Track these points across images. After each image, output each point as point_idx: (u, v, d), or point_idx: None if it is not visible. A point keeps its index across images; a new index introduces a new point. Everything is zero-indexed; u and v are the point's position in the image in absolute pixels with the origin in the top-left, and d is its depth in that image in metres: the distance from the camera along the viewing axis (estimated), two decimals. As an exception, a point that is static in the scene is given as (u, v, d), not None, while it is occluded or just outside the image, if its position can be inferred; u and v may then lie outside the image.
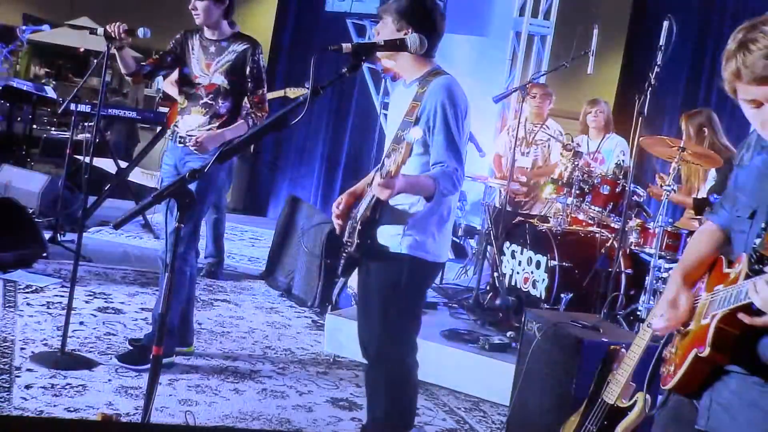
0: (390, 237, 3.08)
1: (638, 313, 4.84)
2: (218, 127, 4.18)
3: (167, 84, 5.84)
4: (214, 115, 4.19)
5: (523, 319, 3.74)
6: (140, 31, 4.13)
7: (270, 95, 6.08)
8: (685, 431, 1.95)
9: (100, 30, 4.08)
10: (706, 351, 1.76)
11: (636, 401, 2.84)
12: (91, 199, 6.52)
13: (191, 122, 4.22)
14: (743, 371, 1.80)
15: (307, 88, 3.96)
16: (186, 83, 4.27)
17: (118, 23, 4.04)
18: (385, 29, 3.08)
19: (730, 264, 1.89)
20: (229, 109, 4.21)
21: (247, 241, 7.96)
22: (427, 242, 3.09)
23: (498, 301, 5.32)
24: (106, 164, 7.58)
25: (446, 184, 2.98)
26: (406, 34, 3.01)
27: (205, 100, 4.20)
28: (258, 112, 4.23)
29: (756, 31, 1.68)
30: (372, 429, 3.36)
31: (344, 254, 3.16)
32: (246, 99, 4.26)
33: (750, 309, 1.70)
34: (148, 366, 3.87)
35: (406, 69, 3.16)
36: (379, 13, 3.16)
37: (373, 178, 2.98)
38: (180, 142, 4.23)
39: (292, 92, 5.90)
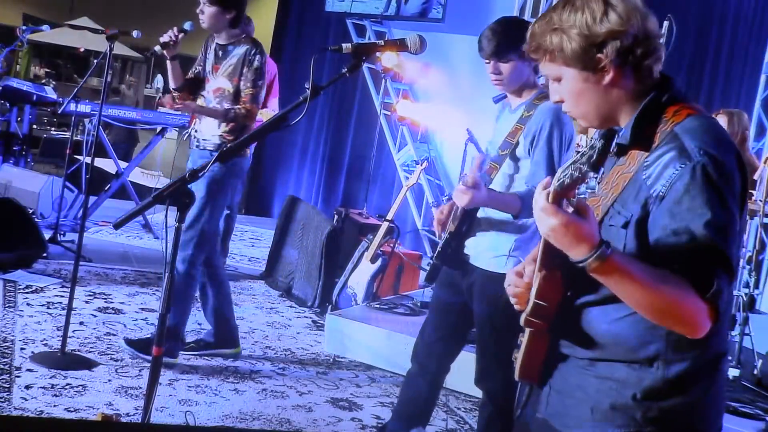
0: (493, 259, 3.07)
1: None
2: (228, 132, 4.19)
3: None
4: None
5: (523, 319, 3.74)
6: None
7: None
8: None
9: (158, 48, 4.12)
10: (530, 313, 1.70)
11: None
12: (92, 199, 6.52)
13: (206, 127, 4.26)
14: (575, 354, 1.74)
15: (307, 88, 3.96)
16: (202, 87, 4.33)
17: (174, 29, 4.10)
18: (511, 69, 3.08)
19: None
20: None
21: (247, 241, 7.96)
22: None
23: (498, 301, 5.31)
24: (106, 164, 7.58)
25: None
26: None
27: (213, 103, 4.24)
28: (242, 109, 4.18)
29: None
30: None
31: (432, 261, 3.23)
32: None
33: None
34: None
35: (516, 92, 3.14)
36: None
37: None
38: (197, 146, 4.30)
39: (262, 114, 5.86)
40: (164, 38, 4.08)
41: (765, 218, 4.86)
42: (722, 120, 5.19)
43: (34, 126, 8.93)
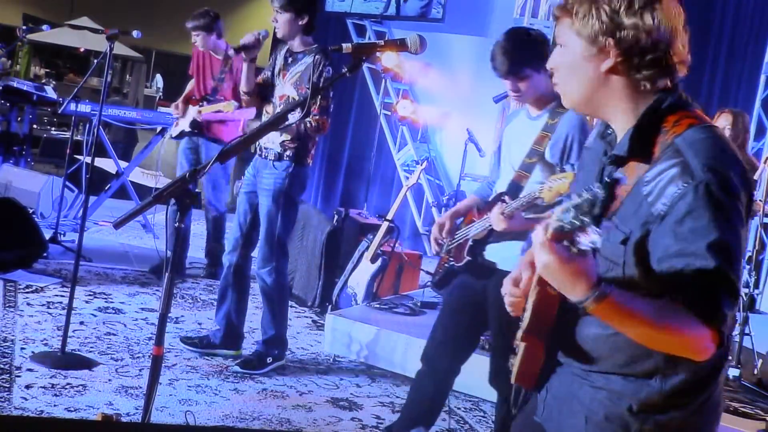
0: (505, 258, 3.13)
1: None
2: (291, 141, 4.18)
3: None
4: (285, 126, 4.15)
5: (523, 319, 3.74)
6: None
7: (212, 108, 5.86)
8: None
9: (234, 48, 4.08)
10: (526, 329, 1.68)
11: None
12: (92, 199, 6.51)
13: (268, 135, 4.20)
14: (571, 363, 1.71)
15: (307, 88, 3.97)
16: (272, 93, 4.30)
17: (256, 32, 4.08)
18: None
19: None
20: (299, 121, 4.17)
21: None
22: None
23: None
24: (106, 164, 7.58)
25: None
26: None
27: (278, 110, 4.22)
28: (313, 122, 4.16)
29: None
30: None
31: (444, 266, 3.29)
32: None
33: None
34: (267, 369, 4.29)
35: (534, 101, 3.17)
36: None
37: (491, 207, 3.07)
38: (258, 154, 4.30)
39: (225, 106, 5.74)
40: (246, 40, 4.06)
41: (765, 218, 4.86)
42: (726, 120, 5.18)
43: (34, 126, 8.94)
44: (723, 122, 5.18)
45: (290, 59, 4.24)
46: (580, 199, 1.36)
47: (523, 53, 3.02)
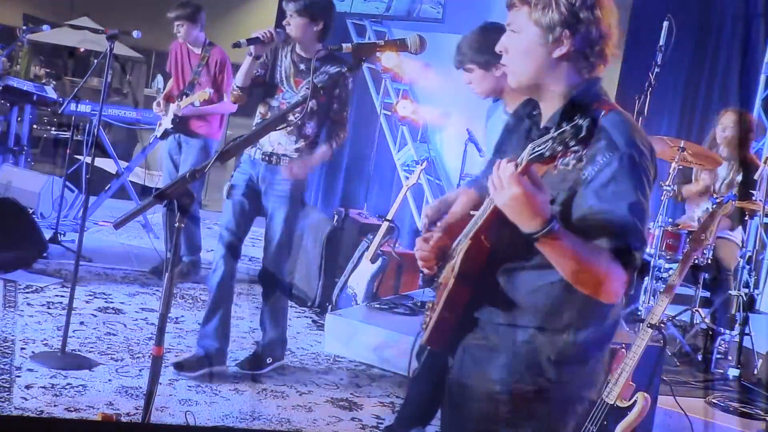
0: None
1: (638, 313, 4.84)
2: (306, 147, 4.12)
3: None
4: (301, 135, 4.11)
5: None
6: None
7: (189, 99, 5.77)
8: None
9: (243, 41, 3.90)
10: (451, 282, 1.84)
11: (636, 401, 2.85)
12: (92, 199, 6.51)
13: (277, 140, 4.12)
14: (492, 320, 1.88)
15: (307, 88, 3.96)
16: (270, 95, 4.14)
17: (269, 29, 3.96)
18: None
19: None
20: (315, 129, 4.13)
21: (247, 241, 7.93)
22: None
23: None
24: (106, 164, 7.57)
25: None
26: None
27: (292, 118, 4.07)
28: (339, 133, 4.15)
29: None
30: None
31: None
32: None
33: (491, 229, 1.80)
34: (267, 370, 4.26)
35: (515, 97, 3.13)
36: None
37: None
38: (264, 159, 4.14)
39: (200, 95, 5.61)
40: (258, 34, 3.88)
41: (765, 218, 4.86)
42: (729, 118, 5.17)
43: (34, 126, 8.92)
44: (727, 120, 5.17)
45: (302, 65, 4.10)
46: (560, 129, 1.55)
47: (472, 47, 3.03)
